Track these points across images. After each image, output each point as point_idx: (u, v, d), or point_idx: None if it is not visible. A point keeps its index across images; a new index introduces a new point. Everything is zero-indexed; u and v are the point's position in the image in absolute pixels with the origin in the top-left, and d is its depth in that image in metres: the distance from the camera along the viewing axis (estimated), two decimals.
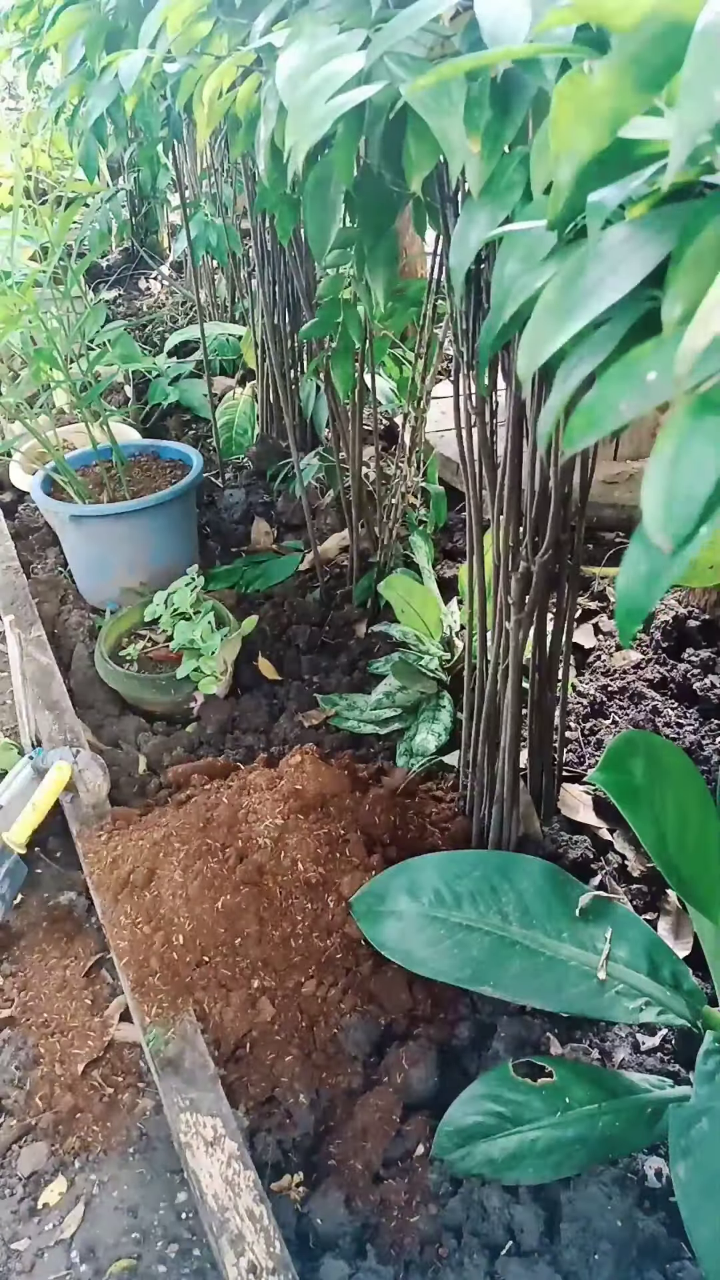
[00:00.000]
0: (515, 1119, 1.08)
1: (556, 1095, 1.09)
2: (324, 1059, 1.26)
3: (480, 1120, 1.09)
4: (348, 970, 1.31)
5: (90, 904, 1.48)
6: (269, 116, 0.93)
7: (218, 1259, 1.08)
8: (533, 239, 0.63)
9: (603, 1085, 1.12)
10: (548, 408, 0.51)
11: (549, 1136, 1.06)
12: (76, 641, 2.16)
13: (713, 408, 0.39)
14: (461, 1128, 1.10)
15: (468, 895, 1.21)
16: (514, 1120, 1.08)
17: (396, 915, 1.21)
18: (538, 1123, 1.07)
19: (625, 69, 0.44)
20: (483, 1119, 1.09)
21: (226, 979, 1.30)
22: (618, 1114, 1.08)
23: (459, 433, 1.28)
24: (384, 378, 2.38)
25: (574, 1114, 1.07)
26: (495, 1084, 1.11)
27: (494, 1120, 1.09)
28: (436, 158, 0.82)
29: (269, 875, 1.34)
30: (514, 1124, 1.07)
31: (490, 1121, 1.09)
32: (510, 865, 1.23)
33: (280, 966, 1.30)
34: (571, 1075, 1.11)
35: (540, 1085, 1.09)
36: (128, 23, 1.60)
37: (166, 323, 3.84)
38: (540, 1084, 1.09)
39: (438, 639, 1.92)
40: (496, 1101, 1.09)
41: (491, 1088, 1.11)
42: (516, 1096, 1.09)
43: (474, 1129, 1.10)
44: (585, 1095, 1.09)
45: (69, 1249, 1.17)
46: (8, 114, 4.94)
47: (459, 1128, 1.11)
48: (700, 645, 1.94)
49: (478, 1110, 1.10)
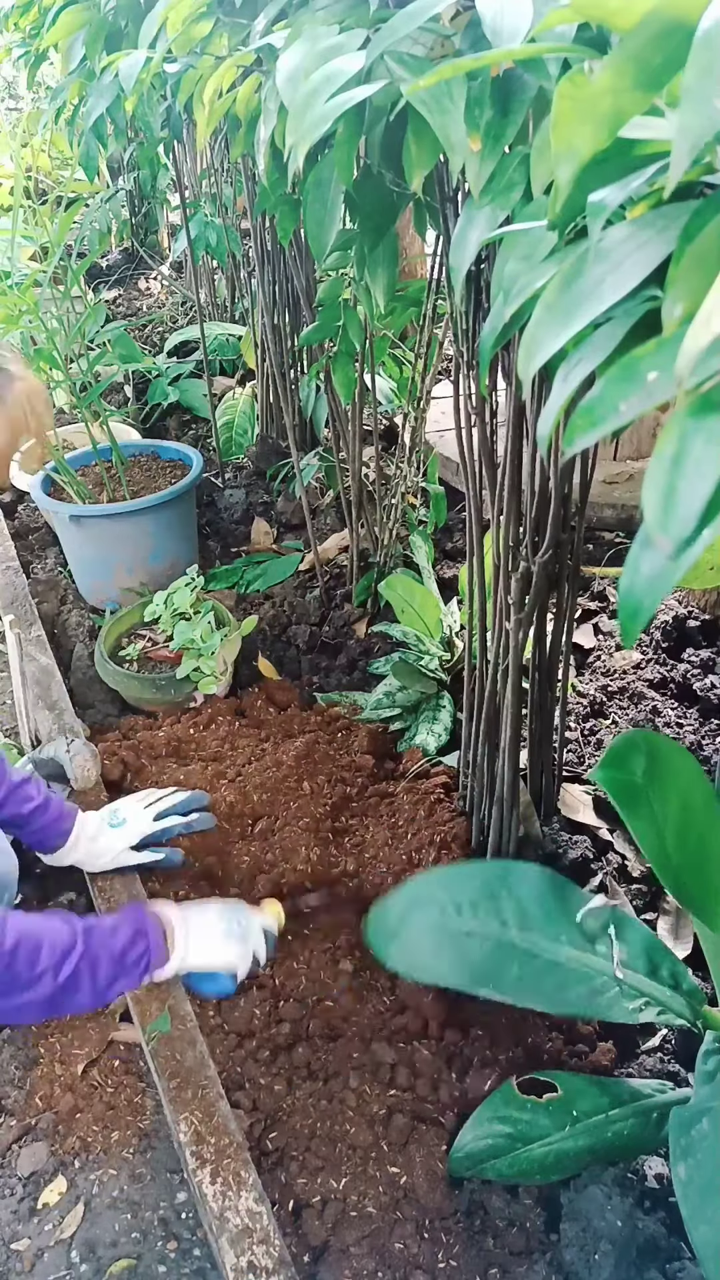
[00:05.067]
0: (525, 1137, 1.07)
1: (563, 1109, 1.08)
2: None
3: (490, 1144, 1.09)
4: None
5: (90, 904, 1.48)
6: (269, 116, 0.93)
7: (218, 1259, 1.08)
8: (533, 239, 0.63)
9: (607, 1094, 1.11)
10: (548, 408, 0.51)
11: (559, 1150, 1.06)
12: (76, 641, 2.16)
13: (714, 408, 0.39)
14: (473, 1152, 1.10)
15: (468, 904, 1.20)
16: (524, 1139, 1.07)
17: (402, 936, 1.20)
18: (547, 1140, 1.07)
19: (626, 69, 0.44)
20: (493, 1141, 1.09)
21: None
22: (624, 1121, 1.08)
23: (459, 433, 1.28)
24: (384, 378, 2.38)
25: (582, 1126, 1.07)
26: (501, 1104, 1.10)
27: (504, 1141, 1.08)
28: (437, 157, 0.82)
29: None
30: (524, 1143, 1.07)
31: (500, 1143, 1.08)
32: (509, 872, 1.23)
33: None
34: (576, 1087, 1.11)
35: (546, 1101, 1.09)
36: (128, 23, 1.60)
37: (166, 323, 3.84)
38: (546, 1099, 1.09)
39: (438, 639, 1.92)
40: (505, 1122, 1.09)
41: (498, 1109, 1.10)
42: (524, 1115, 1.09)
43: (485, 1152, 1.09)
44: (591, 1106, 1.09)
45: (69, 1249, 1.17)
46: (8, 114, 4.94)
47: (470, 1153, 1.10)
48: (700, 645, 1.94)
49: (487, 1133, 1.09)
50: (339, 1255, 1.10)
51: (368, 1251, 1.10)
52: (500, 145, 0.71)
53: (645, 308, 0.49)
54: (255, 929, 1.25)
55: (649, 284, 0.48)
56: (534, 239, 0.63)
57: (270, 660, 2.06)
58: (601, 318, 0.49)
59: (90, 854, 1.43)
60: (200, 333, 2.81)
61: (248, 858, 1.53)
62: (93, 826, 1.44)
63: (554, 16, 0.49)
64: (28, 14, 2.20)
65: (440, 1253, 1.10)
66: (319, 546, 2.29)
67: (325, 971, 1.40)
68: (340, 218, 0.97)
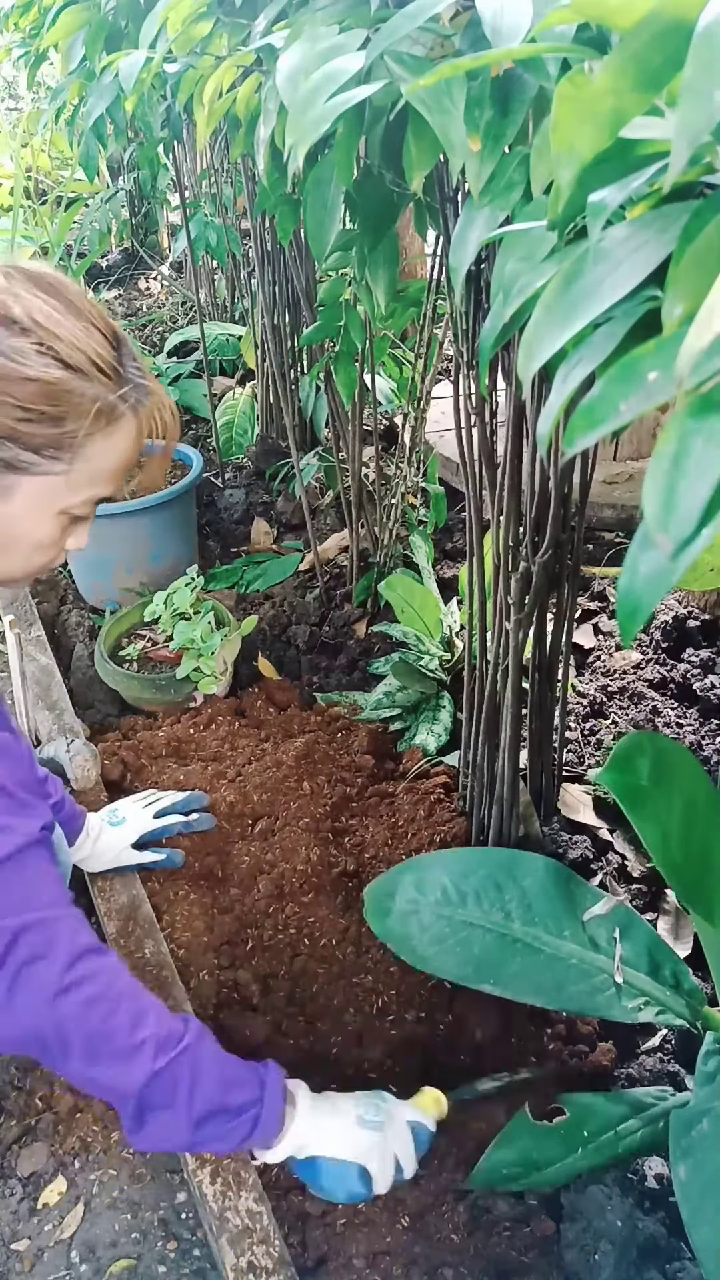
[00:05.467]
0: (539, 1164, 1.08)
1: (573, 1131, 1.09)
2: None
3: (505, 1174, 1.09)
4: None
5: (90, 904, 1.48)
6: (269, 116, 0.93)
7: (218, 1259, 1.08)
8: (533, 239, 0.63)
9: (614, 1108, 1.12)
10: (548, 408, 0.51)
11: (572, 1169, 1.07)
12: (76, 641, 2.16)
13: (714, 408, 0.39)
14: (488, 1181, 1.10)
15: (472, 893, 1.21)
16: (538, 1165, 1.08)
17: (403, 913, 1.21)
18: (560, 1163, 1.07)
19: (626, 69, 0.44)
20: (507, 1171, 1.09)
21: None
22: (634, 1135, 1.09)
23: (459, 433, 1.28)
24: (384, 378, 2.38)
25: (594, 1145, 1.08)
26: (515, 1135, 1.10)
27: (518, 1170, 1.09)
28: (437, 157, 0.81)
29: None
30: (538, 1169, 1.07)
31: (514, 1172, 1.09)
32: (515, 862, 1.23)
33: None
34: (584, 1108, 1.11)
35: (557, 1124, 1.09)
36: (128, 23, 1.60)
37: (166, 323, 3.84)
38: (557, 1123, 1.09)
39: (438, 639, 1.92)
40: (517, 1151, 1.09)
41: (511, 1141, 1.10)
42: (535, 1144, 1.09)
43: (500, 1181, 1.09)
44: (601, 1124, 1.09)
45: (69, 1249, 1.17)
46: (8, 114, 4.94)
47: (485, 1181, 1.10)
48: (700, 645, 1.94)
49: (501, 1164, 1.09)
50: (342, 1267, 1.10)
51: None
52: (500, 145, 0.71)
53: (645, 308, 0.49)
54: (400, 1121, 1.00)
55: (649, 284, 0.48)
56: (534, 239, 0.63)
57: (270, 660, 2.06)
58: (601, 318, 0.49)
59: (92, 853, 1.43)
60: (200, 333, 2.81)
61: (248, 858, 1.53)
62: (94, 826, 1.44)
63: (554, 16, 0.49)
64: (28, 14, 2.20)
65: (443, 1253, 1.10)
66: (319, 546, 2.29)
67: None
68: (340, 218, 0.97)
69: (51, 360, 0.85)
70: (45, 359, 0.85)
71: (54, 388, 0.85)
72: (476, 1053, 1.29)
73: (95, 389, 0.88)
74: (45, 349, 0.85)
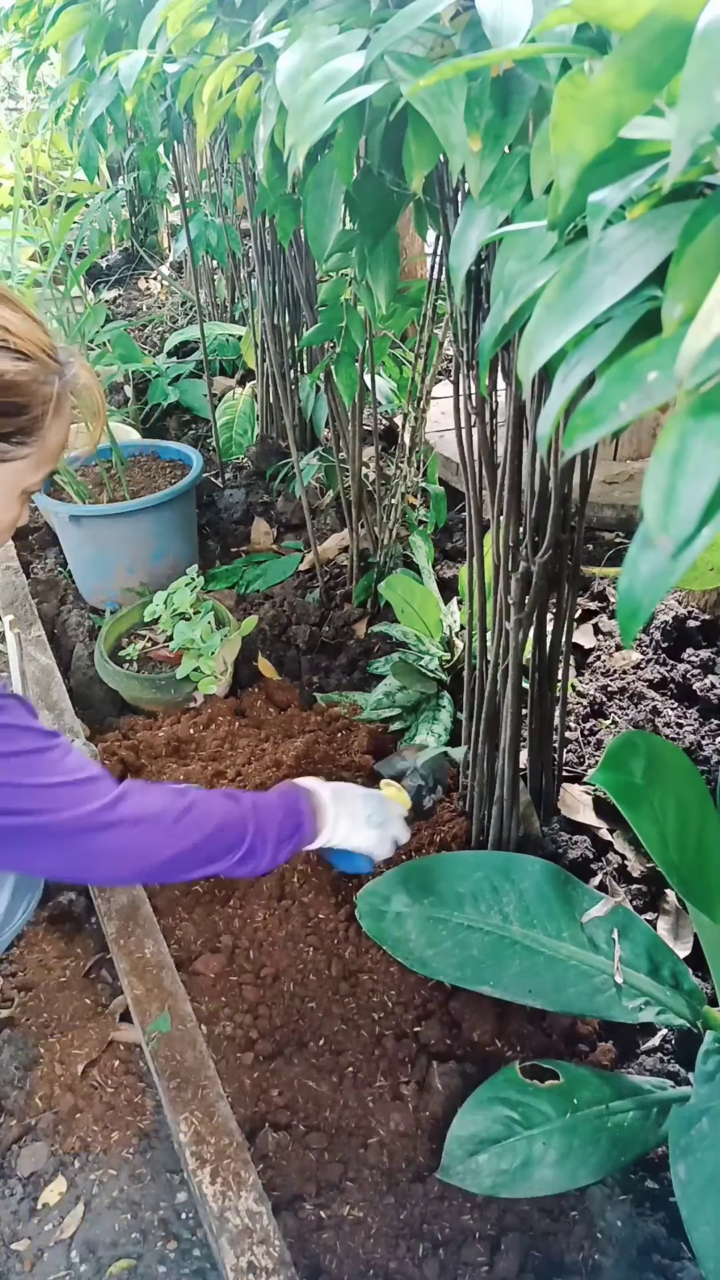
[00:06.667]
0: (525, 1122, 1.07)
1: (563, 1097, 1.08)
2: None
3: (489, 1126, 1.08)
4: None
5: (90, 904, 1.48)
6: (269, 116, 0.93)
7: (218, 1259, 1.08)
8: (533, 239, 0.63)
9: (609, 1085, 1.11)
10: (548, 408, 0.51)
11: (560, 1144, 1.05)
12: (76, 641, 2.16)
13: (714, 408, 0.39)
14: (472, 1134, 1.09)
15: (469, 896, 1.21)
16: (524, 1124, 1.07)
17: (399, 916, 1.21)
18: (547, 1125, 1.07)
19: (626, 69, 0.44)
20: (492, 1124, 1.08)
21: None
22: (625, 1114, 1.08)
23: (459, 433, 1.28)
24: (384, 378, 2.38)
25: (582, 1115, 1.07)
26: (503, 1086, 1.10)
27: (502, 1127, 1.08)
28: (437, 157, 0.81)
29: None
30: (524, 1128, 1.07)
31: (498, 1128, 1.08)
32: (512, 865, 1.23)
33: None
34: (577, 1077, 1.11)
35: (548, 1086, 1.09)
36: (128, 23, 1.60)
37: (166, 323, 3.84)
38: (548, 1084, 1.09)
39: (438, 639, 1.92)
40: (505, 1104, 1.09)
41: (499, 1090, 1.10)
42: (524, 1099, 1.09)
43: (483, 1135, 1.08)
44: (591, 1096, 1.09)
45: (69, 1249, 1.17)
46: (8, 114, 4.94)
47: (469, 1134, 1.09)
48: (700, 645, 1.94)
49: (487, 1116, 1.08)
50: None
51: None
52: (500, 145, 0.71)
53: (645, 308, 0.49)
54: (395, 817, 1.27)
55: (649, 284, 0.48)
56: (534, 239, 0.63)
57: (270, 660, 2.06)
58: (601, 318, 0.49)
59: None
60: (200, 333, 2.81)
61: None
62: None
63: (554, 16, 0.49)
64: (28, 14, 2.20)
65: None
66: (319, 546, 2.29)
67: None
68: (340, 218, 0.97)
69: (13, 354, 0.91)
70: (7, 354, 0.90)
71: (20, 379, 0.91)
72: (474, 1048, 1.29)
73: (47, 374, 0.95)
74: (4, 345, 0.90)
